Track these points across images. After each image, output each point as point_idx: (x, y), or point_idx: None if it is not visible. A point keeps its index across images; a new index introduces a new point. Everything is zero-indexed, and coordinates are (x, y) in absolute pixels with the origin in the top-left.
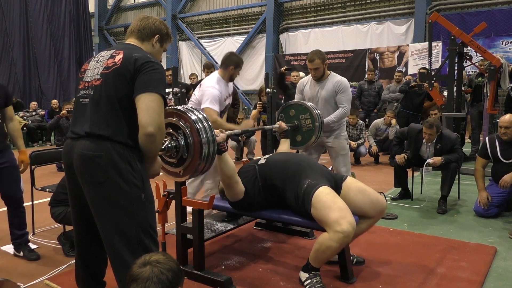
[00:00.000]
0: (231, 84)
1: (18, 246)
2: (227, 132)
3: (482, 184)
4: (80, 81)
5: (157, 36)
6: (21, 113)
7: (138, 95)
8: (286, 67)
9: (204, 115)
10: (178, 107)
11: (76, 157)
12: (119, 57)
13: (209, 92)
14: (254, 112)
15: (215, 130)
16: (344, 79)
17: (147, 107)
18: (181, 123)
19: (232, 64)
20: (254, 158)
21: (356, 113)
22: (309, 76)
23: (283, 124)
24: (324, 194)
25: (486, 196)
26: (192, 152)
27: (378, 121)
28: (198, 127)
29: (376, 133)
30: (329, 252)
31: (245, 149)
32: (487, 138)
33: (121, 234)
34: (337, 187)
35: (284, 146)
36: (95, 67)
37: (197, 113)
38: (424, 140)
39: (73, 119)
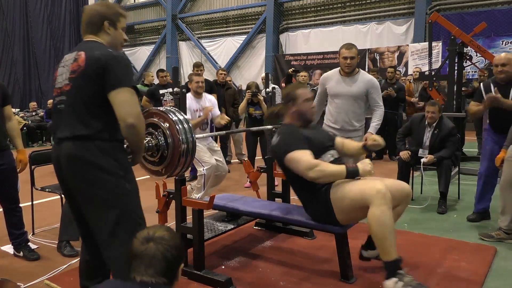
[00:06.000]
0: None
1: (17, 246)
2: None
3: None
4: (54, 88)
5: (105, 22)
6: (21, 113)
7: (110, 93)
8: (293, 68)
9: (185, 117)
10: (160, 108)
11: (63, 159)
12: (81, 59)
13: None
14: (242, 104)
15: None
16: (374, 78)
17: (121, 102)
18: (161, 122)
19: None
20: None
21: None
22: (334, 71)
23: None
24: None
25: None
26: (172, 148)
27: None
28: (178, 128)
29: None
30: (385, 226)
31: (233, 150)
32: (481, 83)
33: (110, 225)
34: None
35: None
36: (62, 72)
37: (178, 114)
38: (427, 122)
39: (54, 125)
